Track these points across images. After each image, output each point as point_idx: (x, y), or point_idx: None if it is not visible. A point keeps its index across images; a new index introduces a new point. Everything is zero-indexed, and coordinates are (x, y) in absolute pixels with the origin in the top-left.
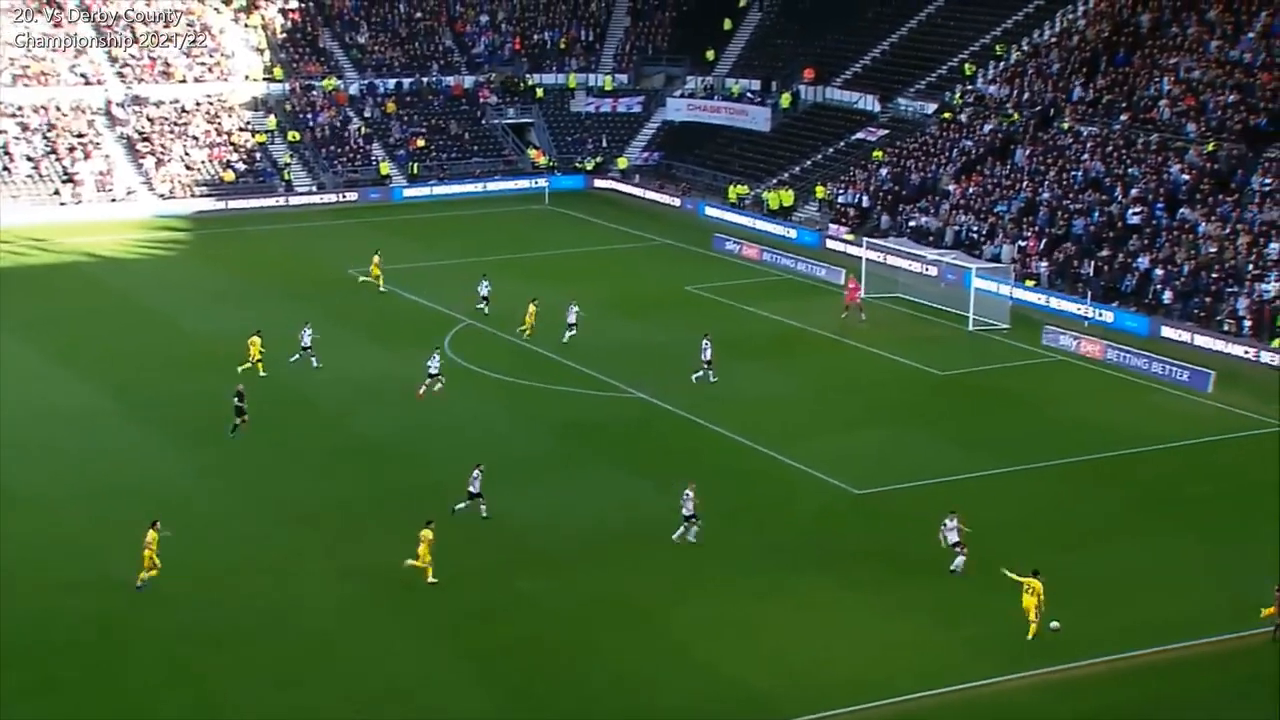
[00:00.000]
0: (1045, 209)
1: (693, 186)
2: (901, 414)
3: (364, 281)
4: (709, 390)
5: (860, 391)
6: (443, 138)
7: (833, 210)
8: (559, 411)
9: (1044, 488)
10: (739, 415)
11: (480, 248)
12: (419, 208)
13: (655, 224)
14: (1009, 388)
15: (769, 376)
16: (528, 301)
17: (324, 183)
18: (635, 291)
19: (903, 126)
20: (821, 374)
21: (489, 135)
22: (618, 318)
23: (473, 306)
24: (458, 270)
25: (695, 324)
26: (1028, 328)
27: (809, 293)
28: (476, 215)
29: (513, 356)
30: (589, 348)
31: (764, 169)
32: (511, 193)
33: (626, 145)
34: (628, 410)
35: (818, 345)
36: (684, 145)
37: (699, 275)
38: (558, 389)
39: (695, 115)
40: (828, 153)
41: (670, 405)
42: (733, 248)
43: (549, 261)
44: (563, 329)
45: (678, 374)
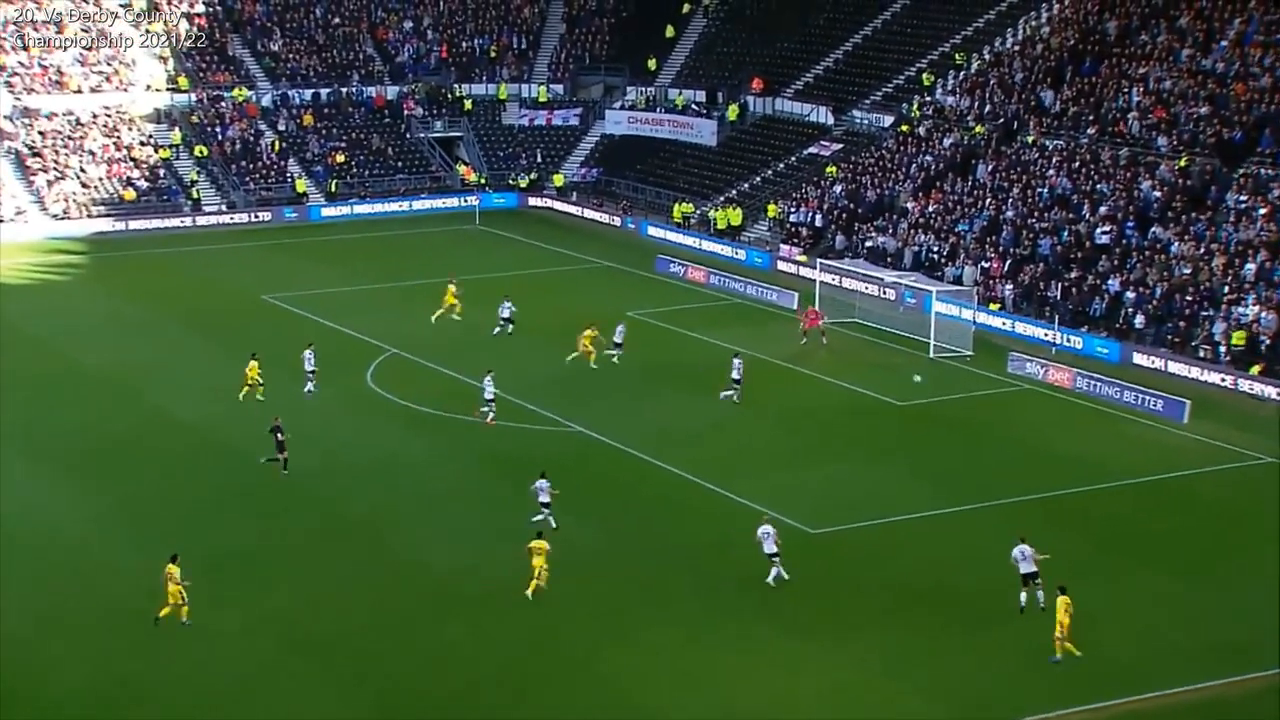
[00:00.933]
0: (1009, 228)
1: (634, 205)
2: (859, 447)
3: (439, 315)
4: (651, 423)
5: (815, 423)
6: (364, 153)
7: (784, 230)
8: (488, 446)
9: (1010, 524)
10: (684, 449)
11: (405, 270)
12: (338, 228)
13: (594, 245)
14: (973, 418)
15: (716, 407)
16: (583, 327)
17: (234, 201)
18: (573, 317)
19: (858, 140)
20: (773, 405)
21: (414, 150)
22: (554, 345)
23: (489, 332)
24: (380, 296)
25: (638, 352)
26: (992, 354)
27: (759, 318)
28: (401, 236)
29: (440, 388)
30: (522, 377)
31: (710, 186)
32: (439, 212)
33: (563, 160)
34: (563, 444)
35: (769, 374)
36: (624, 160)
37: (641, 299)
38: (497, 424)
39: (636, 128)
40: (778, 168)
41: (609, 438)
42: (677, 270)
43: (480, 285)
44: (610, 349)
45: (617, 404)
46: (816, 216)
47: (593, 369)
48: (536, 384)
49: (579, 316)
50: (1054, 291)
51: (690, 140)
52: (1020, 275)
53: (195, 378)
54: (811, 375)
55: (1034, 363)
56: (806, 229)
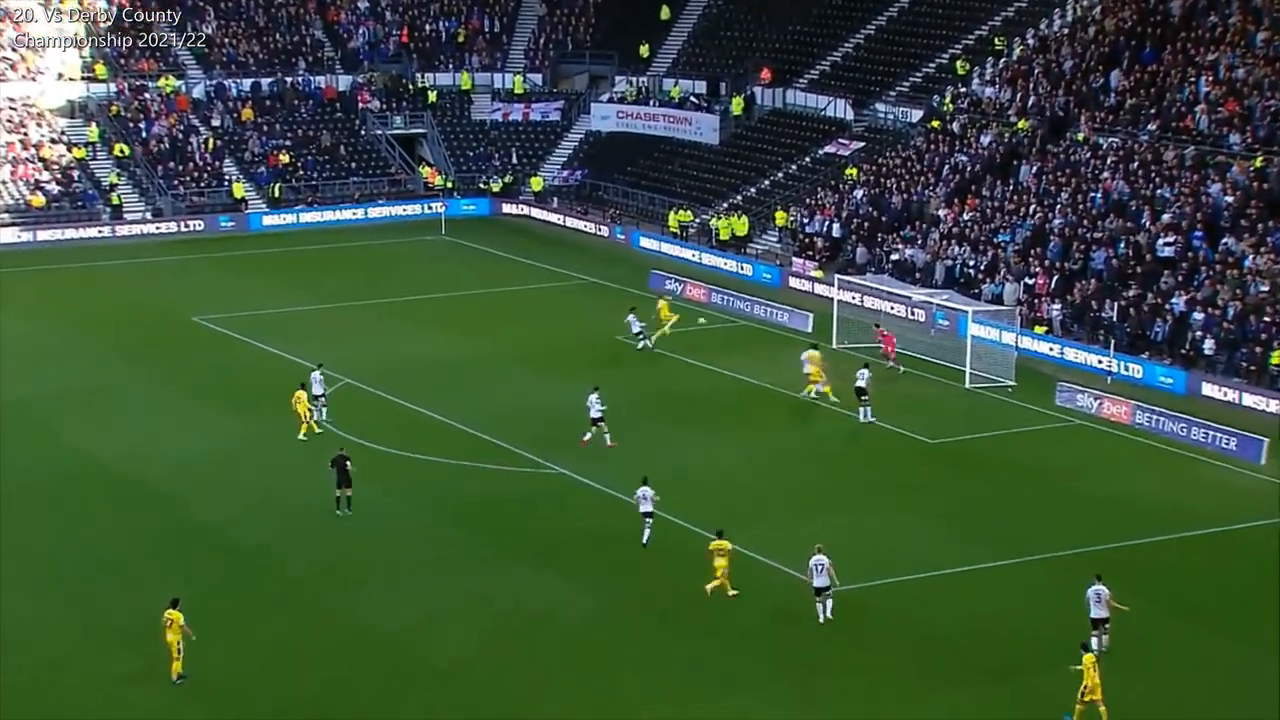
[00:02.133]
0: (1057, 239)
1: (624, 212)
2: (882, 491)
3: (658, 335)
4: (643, 462)
5: (831, 464)
6: (312, 152)
7: (796, 241)
8: (456, 491)
9: (1058, 582)
10: (680, 493)
11: (360, 288)
12: (282, 239)
13: (578, 258)
14: (1015, 459)
15: (717, 446)
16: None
17: (161, 209)
18: (553, 342)
19: (882, 138)
20: (784, 442)
21: (370, 149)
22: (531, 375)
23: (634, 347)
24: (332, 318)
25: (626, 382)
26: (1037, 385)
27: (768, 342)
28: (355, 249)
29: (401, 424)
30: (496, 412)
31: (712, 190)
32: (399, 220)
33: (542, 161)
34: (541, 488)
35: (779, 407)
36: (613, 161)
37: (614, 322)
38: (456, 464)
39: (627, 125)
40: (790, 170)
41: (594, 481)
42: (674, 287)
43: (446, 306)
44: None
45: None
46: (834, 226)
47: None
48: (509, 418)
49: (559, 341)
50: (1109, 312)
51: (688, 138)
52: (1070, 293)
53: (117, 412)
54: (825, 408)
55: (1086, 394)
56: (822, 240)
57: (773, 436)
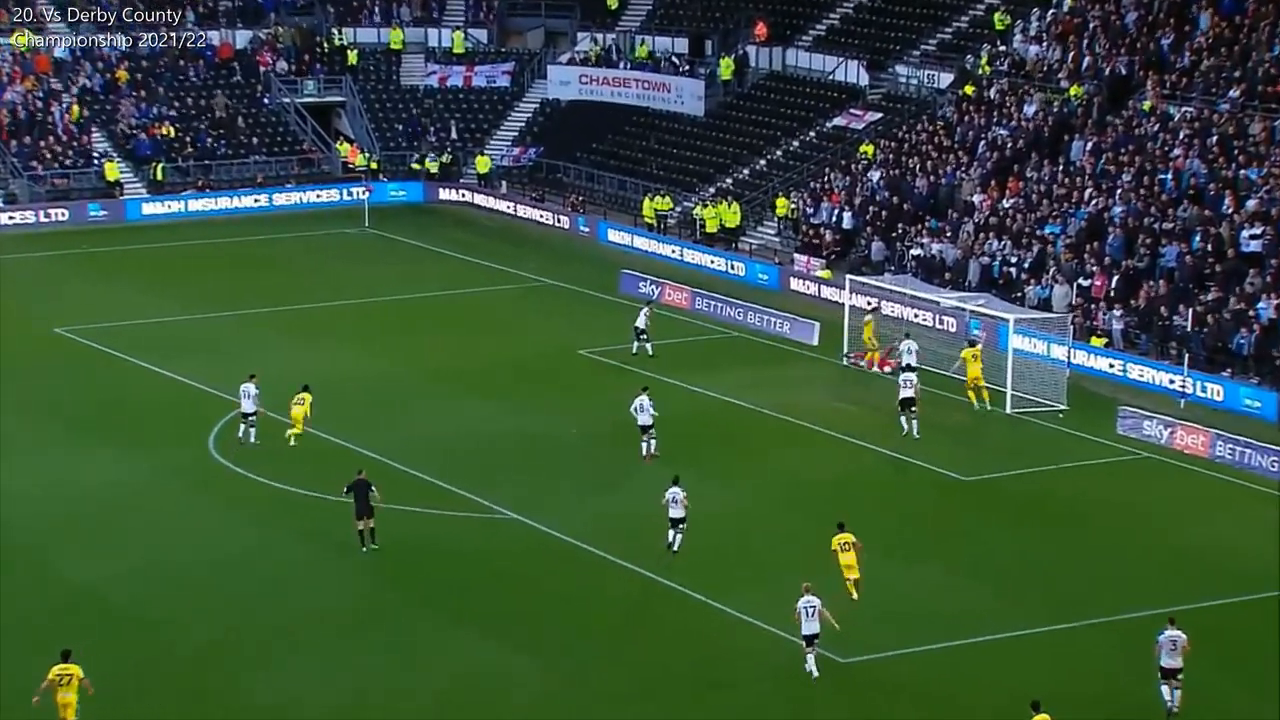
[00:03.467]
0: (1118, 231)
1: (589, 199)
2: (905, 538)
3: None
4: (612, 505)
5: (844, 505)
6: (204, 125)
7: (800, 234)
8: (384, 541)
9: (1120, 651)
10: (658, 542)
11: (264, 292)
12: (166, 231)
13: (532, 256)
14: (1066, 499)
15: (705, 483)
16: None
17: (15, 193)
18: (502, 359)
19: (903, 108)
20: (786, 480)
21: (276, 122)
22: (475, 398)
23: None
24: (229, 328)
25: (591, 407)
26: (1094, 409)
27: (766, 357)
28: (257, 245)
29: (314, 459)
30: (431, 444)
31: (696, 173)
32: (312, 209)
33: (488, 137)
34: (488, 538)
35: (780, 436)
36: (575, 137)
37: (598, 333)
38: (382, 507)
39: (591, 92)
40: (791, 148)
41: (552, 528)
42: (650, 291)
43: (369, 314)
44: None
45: (562, 480)
46: (845, 215)
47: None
48: (447, 451)
49: (509, 357)
50: (1182, 319)
51: (667, 108)
52: (1134, 297)
53: None
54: (838, 438)
55: (1154, 421)
56: (831, 233)
57: (772, 472)
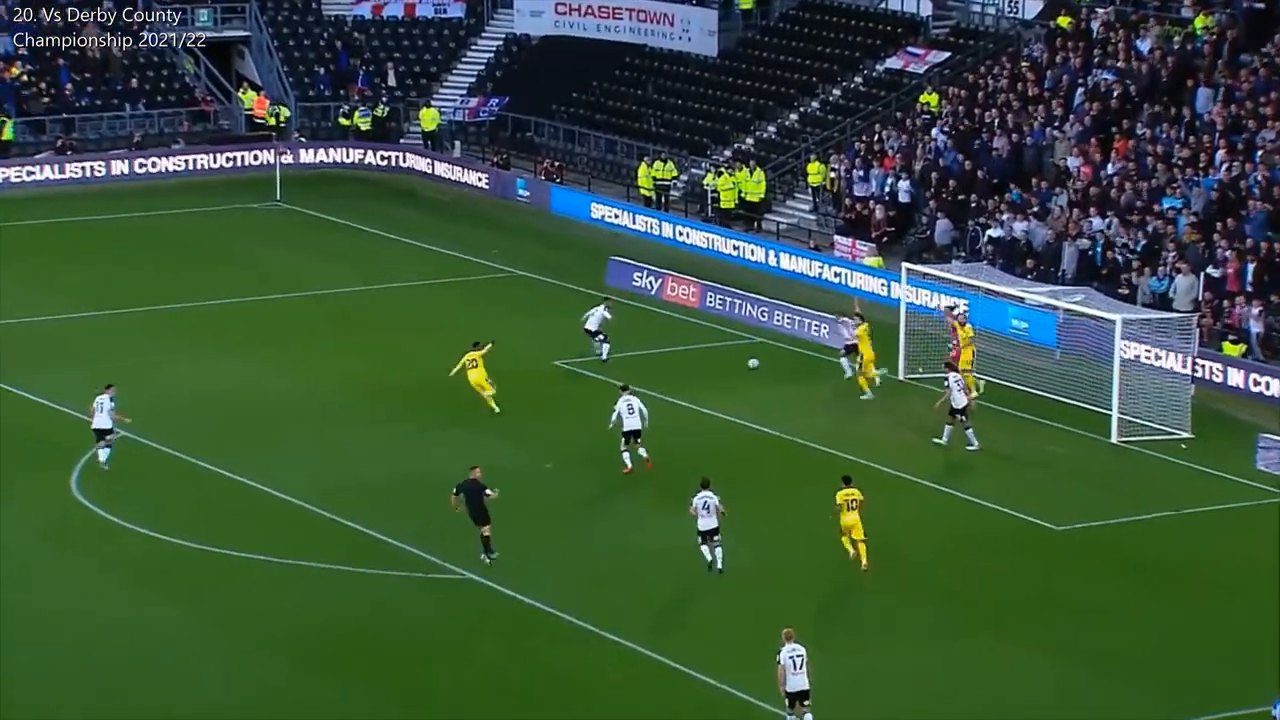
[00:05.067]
0: (1260, 205)
1: (567, 164)
2: (981, 608)
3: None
4: (602, 562)
5: (900, 562)
6: (66, 67)
7: (841, 210)
8: (300, 611)
9: None
10: (663, 612)
11: (140, 287)
12: (14, 207)
13: (495, 237)
14: (1190, 554)
15: (722, 534)
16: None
17: None
18: (449, 372)
19: (977, 45)
20: (824, 529)
21: (160, 63)
22: (420, 422)
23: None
24: (98, 333)
25: (570, 432)
26: (1226, 436)
27: (798, 370)
28: (134, 223)
29: (206, 500)
30: (367, 483)
31: (708, 130)
32: (207, 177)
33: (436, 84)
34: (439, 603)
35: (815, 471)
36: (550, 84)
37: (578, 337)
38: (296, 565)
39: (570, 26)
40: (831, 98)
41: (524, 593)
42: (646, 284)
43: (278, 314)
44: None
45: (536, 528)
46: (900, 185)
47: None
48: (381, 490)
49: (458, 369)
50: None
51: (670, 47)
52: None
53: None
54: (897, 476)
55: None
56: (883, 208)
57: (805, 519)
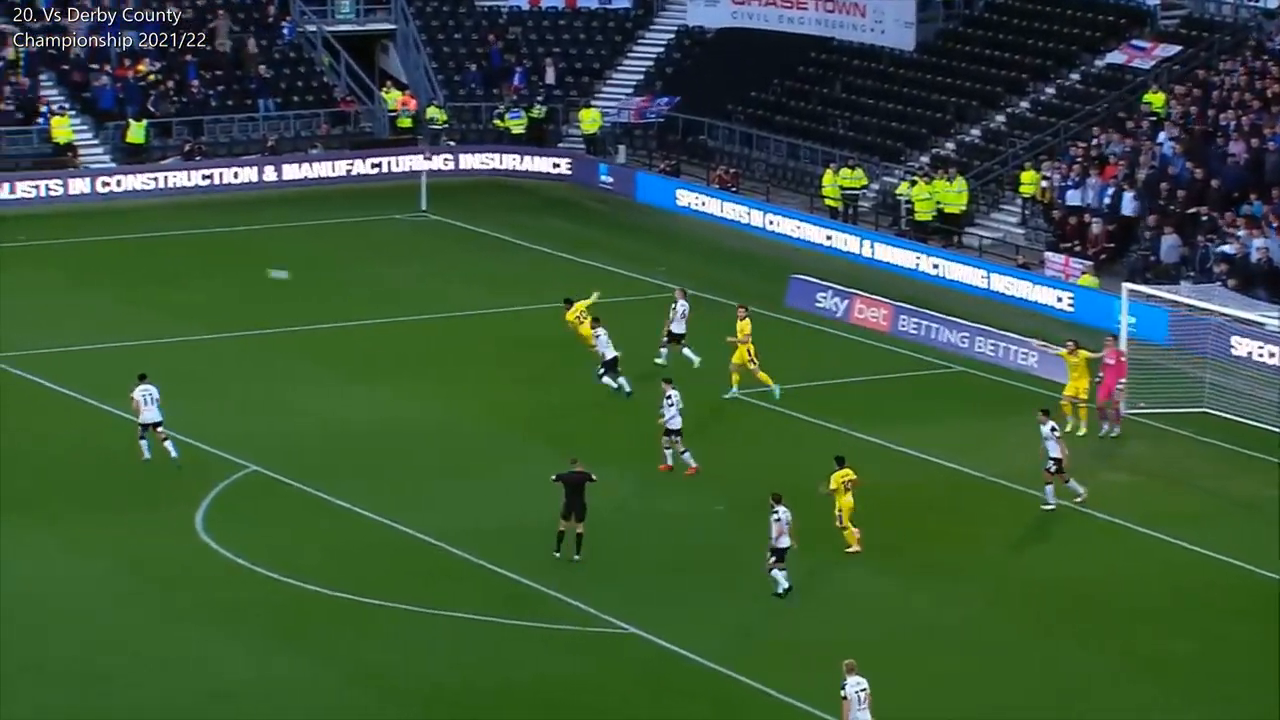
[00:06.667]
0: None
1: (743, 171)
2: (1218, 683)
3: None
4: (782, 617)
5: (1118, 625)
6: (195, 64)
7: (1054, 223)
8: (445, 667)
9: None
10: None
11: (271, 307)
12: (137, 217)
13: (664, 252)
14: None
15: (911, 585)
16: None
17: None
18: (616, 401)
19: (1213, 37)
20: (1026, 583)
21: (296, 59)
22: (580, 457)
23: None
24: (218, 355)
25: (745, 469)
26: None
27: (1002, 403)
28: (266, 236)
29: (343, 543)
30: (516, 526)
31: (902, 133)
32: (347, 183)
33: (599, 82)
34: (605, 661)
35: (1020, 518)
36: (726, 82)
37: (759, 363)
38: (441, 615)
39: (751, 16)
40: (1044, 97)
41: (692, 650)
42: (832, 305)
43: (425, 337)
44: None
45: (701, 579)
46: (1123, 196)
47: None
48: (537, 537)
49: (626, 401)
50: None
51: (862, 40)
52: None
53: None
54: (1103, 519)
55: None
56: (1100, 222)
57: (1005, 571)
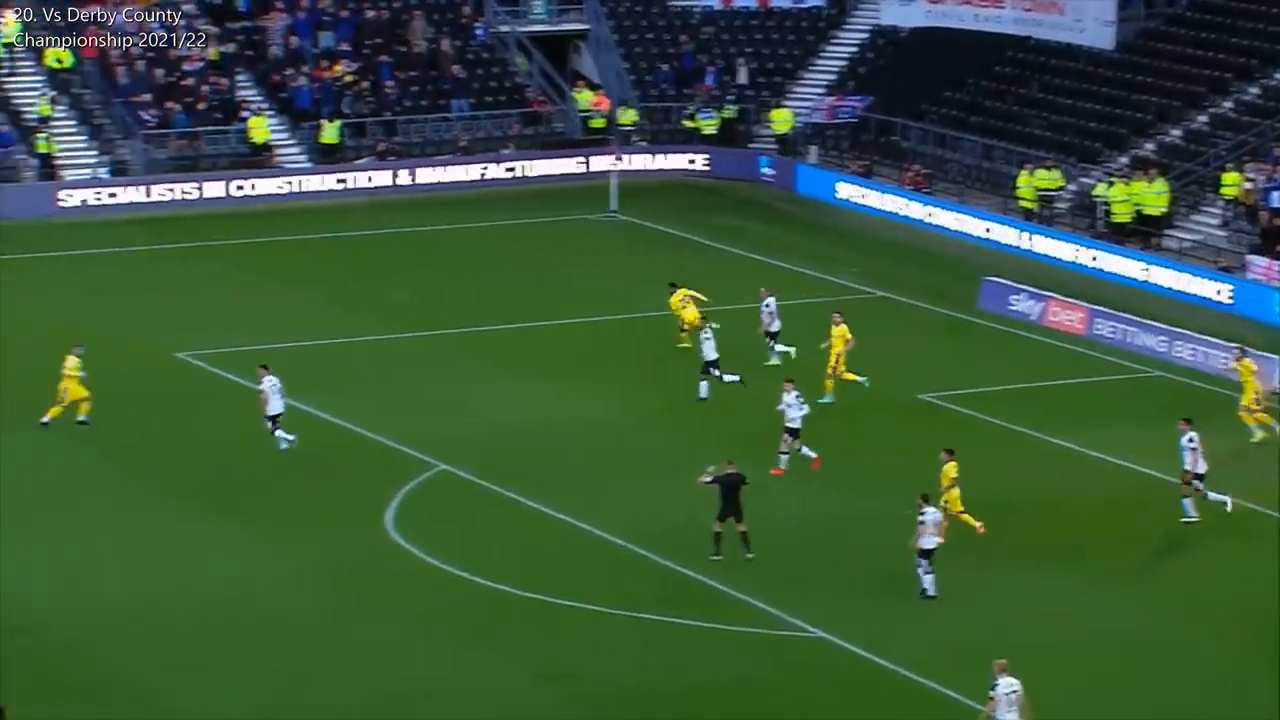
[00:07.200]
0: None
1: (938, 172)
2: None
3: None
4: (955, 618)
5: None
6: (391, 65)
7: (1257, 225)
8: (634, 665)
9: None
10: (1062, 691)
11: (460, 307)
12: (330, 217)
13: (852, 253)
14: None
15: (1092, 588)
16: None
17: (126, 162)
18: (809, 400)
19: None
20: (1223, 596)
21: (489, 59)
22: (762, 462)
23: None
24: (418, 355)
25: (935, 474)
26: None
27: (1202, 410)
28: (458, 236)
29: (534, 544)
30: (709, 524)
31: (1100, 133)
32: (538, 184)
33: (791, 82)
34: (786, 664)
35: (1218, 529)
36: (920, 82)
37: (951, 366)
38: (627, 617)
39: (945, 15)
40: (1247, 96)
41: (872, 652)
42: (1025, 308)
43: (613, 338)
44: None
45: (902, 583)
46: None
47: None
48: (727, 537)
49: (812, 403)
50: None
51: (1060, 39)
52: None
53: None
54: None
55: None
56: None
57: (1201, 582)
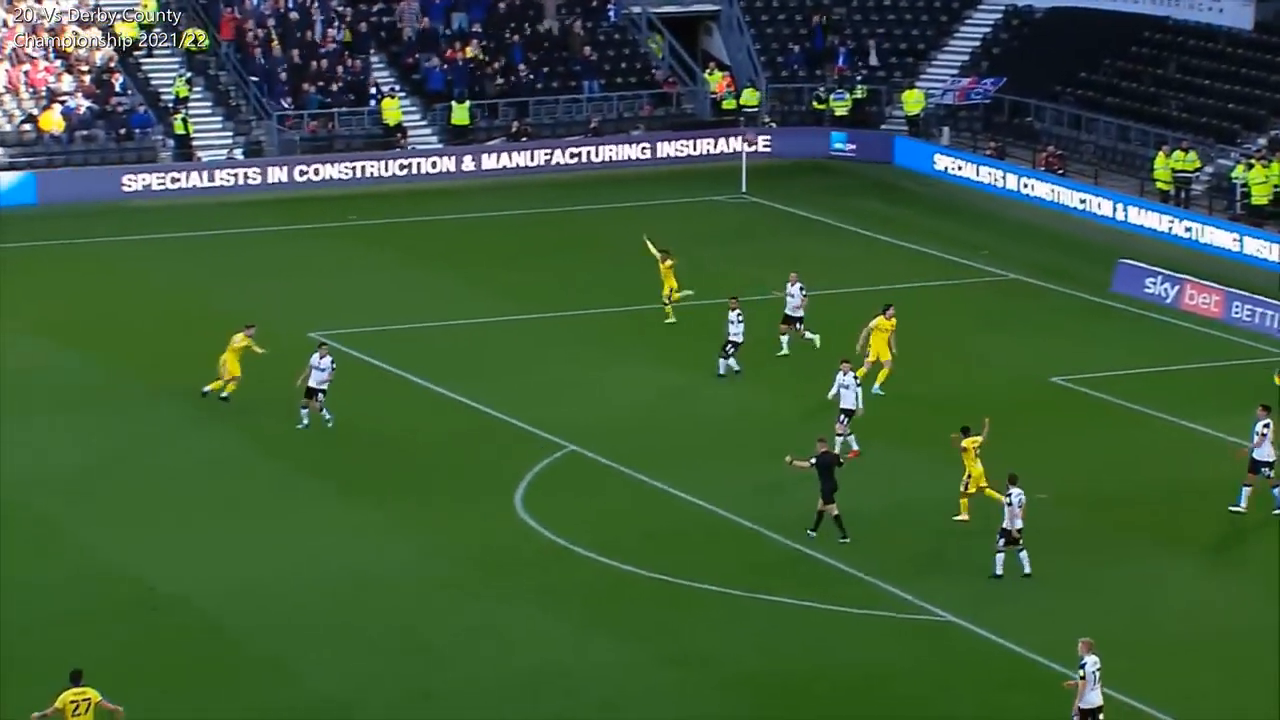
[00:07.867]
0: None
1: (1072, 153)
2: None
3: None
4: (1095, 610)
5: None
6: (519, 45)
7: None
8: (764, 648)
9: None
10: (1195, 681)
11: (588, 288)
12: (461, 196)
13: (983, 236)
14: None
15: (1196, 572)
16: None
17: (260, 142)
18: (932, 388)
19: None
20: None
21: (618, 40)
22: (892, 447)
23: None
24: (549, 334)
25: (1068, 458)
26: None
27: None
28: (584, 217)
29: (661, 524)
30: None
31: (1239, 114)
32: (668, 165)
33: (923, 62)
34: (915, 648)
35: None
36: (1054, 63)
37: (1082, 350)
38: (766, 599)
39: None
40: None
41: (1005, 637)
42: (1161, 291)
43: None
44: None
45: (1039, 567)
46: None
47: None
48: (869, 520)
49: (946, 388)
50: None
51: (1198, 19)
52: None
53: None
54: None
55: None
56: None
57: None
